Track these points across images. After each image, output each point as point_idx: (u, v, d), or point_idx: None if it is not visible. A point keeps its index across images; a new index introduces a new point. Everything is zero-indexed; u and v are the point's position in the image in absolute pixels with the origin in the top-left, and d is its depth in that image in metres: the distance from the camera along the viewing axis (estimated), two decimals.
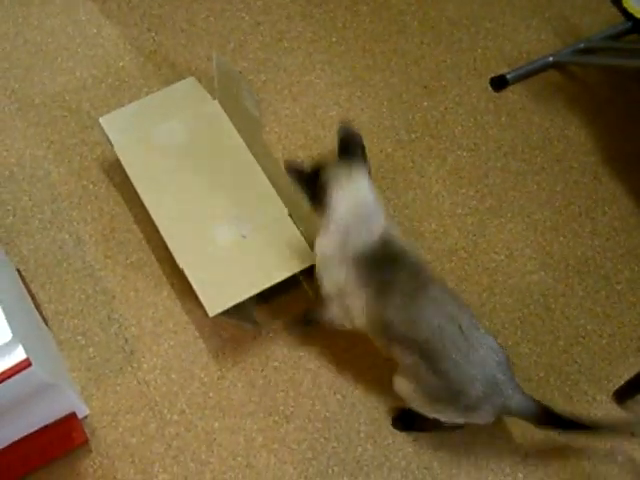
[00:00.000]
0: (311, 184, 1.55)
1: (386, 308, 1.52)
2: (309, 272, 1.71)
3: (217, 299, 1.68)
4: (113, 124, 1.91)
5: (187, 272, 1.70)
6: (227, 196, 1.84)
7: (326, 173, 1.53)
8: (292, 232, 1.80)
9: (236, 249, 1.77)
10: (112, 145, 1.87)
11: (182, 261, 1.72)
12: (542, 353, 1.89)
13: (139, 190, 1.81)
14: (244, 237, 1.79)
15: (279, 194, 1.84)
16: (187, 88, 2.00)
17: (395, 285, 1.52)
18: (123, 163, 1.85)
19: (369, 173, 1.56)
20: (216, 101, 1.95)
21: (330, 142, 2.11)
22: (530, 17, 2.39)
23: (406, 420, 1.77)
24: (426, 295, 1.52)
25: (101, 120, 1.91)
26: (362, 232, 1.53)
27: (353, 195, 1.52)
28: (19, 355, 1.30)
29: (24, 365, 1.31)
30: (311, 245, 1.70)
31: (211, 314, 1.66)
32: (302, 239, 1.79)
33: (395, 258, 1.54)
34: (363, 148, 1.58)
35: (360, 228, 1.53)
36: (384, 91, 2.21)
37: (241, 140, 1.91)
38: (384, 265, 1.53)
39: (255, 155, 1.89)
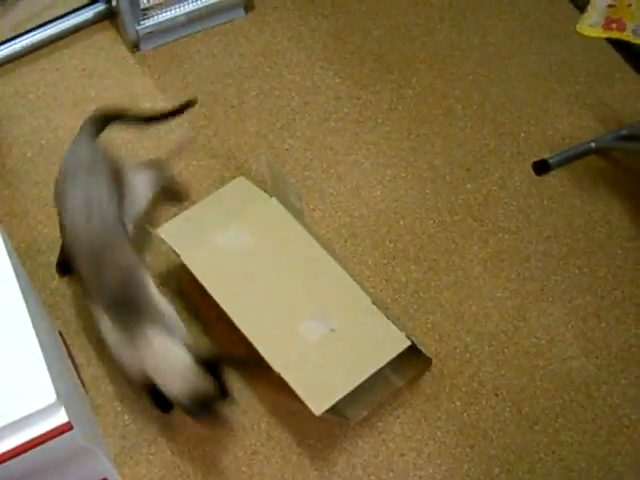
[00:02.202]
0: None
1: None
2: None
3: (320, 396, 1.66)
4: (172, 233, 1.89)
5: (285, 376, 1.67)
6: (307, 291, 1.83)
7: None
8: (380, 319, 1.79)
9: (328, 343, 1.75)
10: (177, 254, 1.85)
11: (277, 365, 1.69)
12: (584, 442, 1.84)
13: (217, 298, 1.78)
14: (333, 330, 1.77)
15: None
16: (240, 187, 2.00)
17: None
18: (193, 272, 1.82)
19: None
20: (274, 198, 1.95)
21: (373, 222, 2.15)
22: (572, 103, 2.43)
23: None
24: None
25: (159, 231, 1.90)
26: None
27: None
28: (61, 418, 1.30)
29: (65, 428, 1.30)
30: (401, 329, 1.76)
31: (318, 413, 1.63)
32: (391, 324, 1.78)
33: None
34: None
35: None
36: (428, 173, 2.25)
37: (306, 232, 1.90)
38: None
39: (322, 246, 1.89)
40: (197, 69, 2.41)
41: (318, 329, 1.77)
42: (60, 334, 1.87)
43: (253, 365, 1.78)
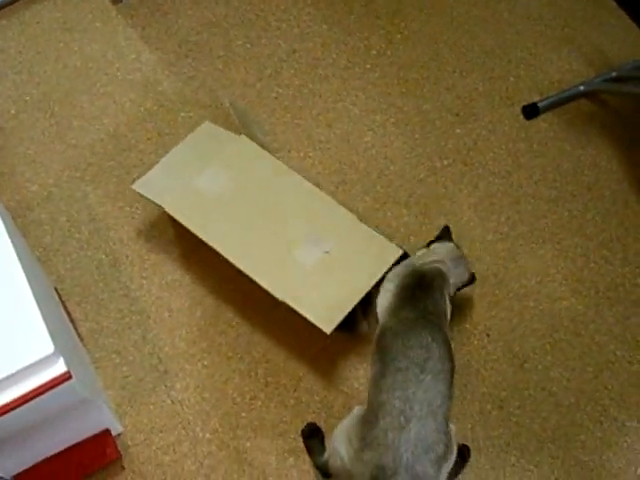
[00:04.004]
0: None
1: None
2: None
3: (328, 316, 1.71)
4: (150, 187, 1.90)
5: (290, 303, 1.72)
6: (294, 219, 1.87)
7: None
8: (369, 233, 1.85)
9: (325, 265, 1.80)
10: (160, 206, 1.86)
11: (280, 294, 1.73)
12: (572, 378, 1.89)
13: (208, 241, 1.80)
14: (327, 252, 1.81)
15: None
16: (208, 132, 2.01)
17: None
18: (180, 220, 1.83)
19: None
20: (243, 136, 1.97)
21: (364, 167, 2.15)
22: (561, 46, 2.42)
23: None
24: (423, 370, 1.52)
25: (135, 186, 1.91)
26: None
27: None
28: (60, 368, 1.32)
29: (65, 378, 1.32)
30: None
31: (328, 331, 1.69)
32: (381, 236, 1.84)
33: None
34: None
35: None
36: (417, 118, 2.24)
37: (281, 163, 1.94)
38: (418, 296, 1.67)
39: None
40: (182, 19, 2.37)
41: (313, 253, 1.80)
42: (56, 290, 1.88)
43: None
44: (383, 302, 1.71)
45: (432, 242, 1.84)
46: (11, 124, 2.16)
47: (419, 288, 1.68)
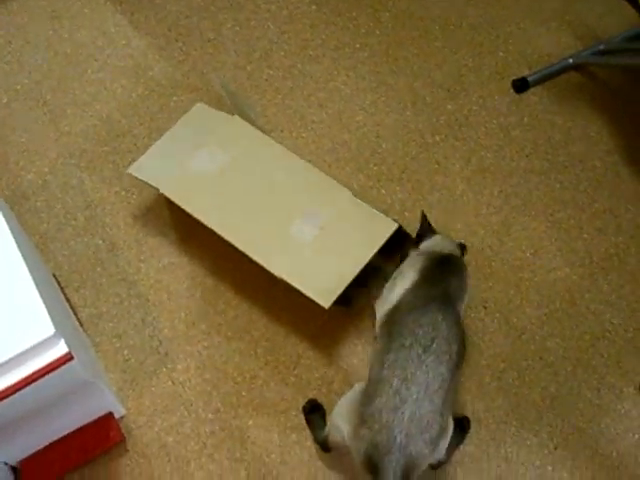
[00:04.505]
0: None
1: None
2: None
3: (326, 291, 1.72)
4: (144, 170, 1.90)
5: (288, 279, 1.73)
6: (289, 196, 1.88)
7: None
8: (364, 208, 1.86)
9: (321, 241, 1.81)
10: (156, 189, 1.87)
11: (277, 270, 1.74)
12: (569, 347, 1.91)
13: (204, 221, 1.80)
14: (323, 228, 1.82)
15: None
16: (201, 113, 2.02)
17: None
18: (176, 202, 1.85)
19: None
20: (236, 116, 1.98)
21: (356, 146, 2.16)
22: (549, 20, 2.43)
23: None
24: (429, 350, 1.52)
25: (130, 171, 1.91)
26: None
27: None
28: (61, 349, 1.33)
29: (66, 359, 1.33)
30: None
31: (327, 306, 1.70)
32: (376, 211, 1.85)
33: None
34: None
35: None
36: (408, 95, 2.25)
37: (274, 142, 1.95)
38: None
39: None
40: (170, 4, 2.37)
41: (308, 230, 1.82)
42: (54, 277, 1.89)
43: None
44: (403, 285, 1.67)
45: (419, 236, 1.84)
46: (3, 113, 2.16)
47: (443, 268, 1.70)
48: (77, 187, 2.06)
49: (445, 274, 1.69)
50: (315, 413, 1.77)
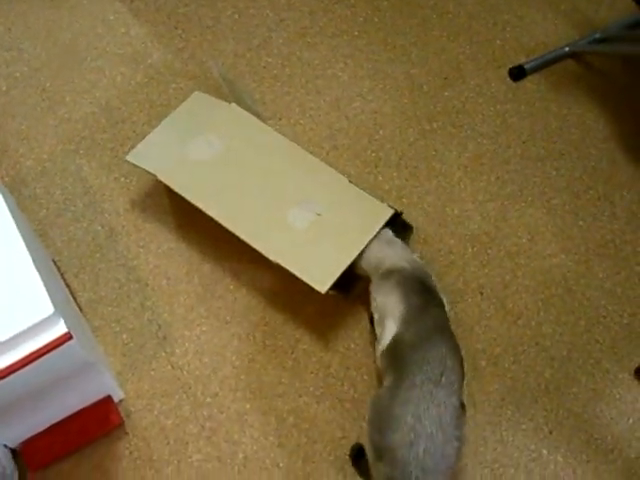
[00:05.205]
0: None
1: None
2: None
3: (322, 276, 1.73)
4: (143, 157, 1.91)
5: (285, 264, 1.74)
6: (286, 183, 1.89)
7: None
8: (360, 194, 1.88)
9: (317, 227, 1.82)
10: (154, 175, 1.88)
11: (274, 256, 1.75)
12: (564, 333, 1.93)
13: (202, 207, 1.81)
14: (319, 215, 1.83)
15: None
16: (199, 101, 2.03)
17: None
18: (174, 188, 1.85)
19: None
20: (233, 104, 1.98)
21: (354, 133, 2.17)
22: (546, 9, 2.43)
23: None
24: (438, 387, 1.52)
25: (129, 157, 1.92)
26: None
27: None
28: (61, 329, 1.33)
29: (65, 338, 1.33)
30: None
31: (323, 291, 1.71)
32: (372, 198, 1.87)
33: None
34: None
35: None
36: (406, 82, 2.26)
37: (271, 129, 1.96)
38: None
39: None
40: None
41: (305, 216, 1.83)
42: (54, 262, 1.90)
43: None
44: (393, 309, 1.65)
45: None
46: (2, 101, 2.17)
47: (422, 288, 1.68)
48: (76, 174, 2.07)
49: (425, 295, 1.67)
50: (363, 458, 1.70)
